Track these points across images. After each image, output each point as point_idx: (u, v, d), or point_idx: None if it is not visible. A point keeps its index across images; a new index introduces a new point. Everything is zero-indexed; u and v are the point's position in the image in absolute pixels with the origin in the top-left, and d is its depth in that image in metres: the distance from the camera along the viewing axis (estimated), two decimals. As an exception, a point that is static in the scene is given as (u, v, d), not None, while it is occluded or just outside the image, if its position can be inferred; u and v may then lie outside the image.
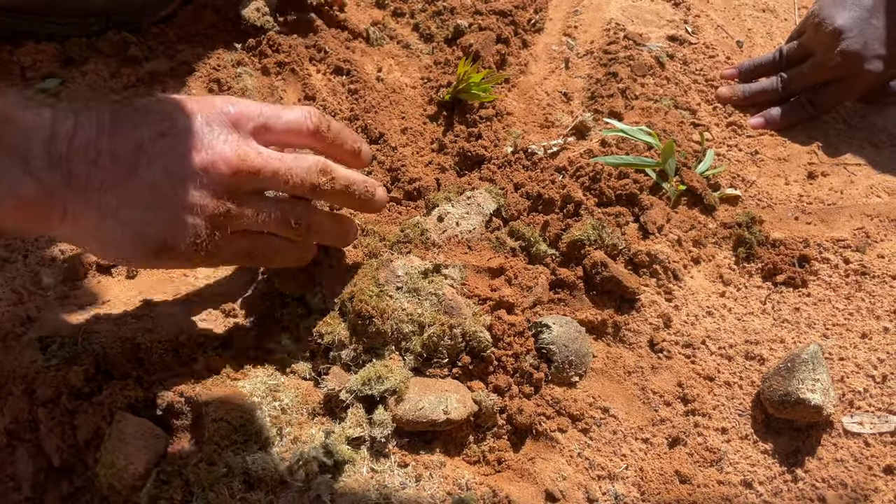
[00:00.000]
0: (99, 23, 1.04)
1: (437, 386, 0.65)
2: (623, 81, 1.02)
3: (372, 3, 1.15)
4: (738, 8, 1.19)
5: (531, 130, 0.97)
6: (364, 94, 0.98)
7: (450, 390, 0.65)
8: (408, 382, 0.65)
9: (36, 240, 0.81)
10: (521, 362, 0.69)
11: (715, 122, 1.01)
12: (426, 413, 0.63)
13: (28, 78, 0.99)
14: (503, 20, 1.09)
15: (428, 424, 0.63)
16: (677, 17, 1.16)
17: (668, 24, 1.14)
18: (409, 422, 0.63)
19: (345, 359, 0.67)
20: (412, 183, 0.88)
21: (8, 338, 0.69)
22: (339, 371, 0.66)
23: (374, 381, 0.64)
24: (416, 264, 0.72)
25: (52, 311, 0.73)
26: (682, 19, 1.15)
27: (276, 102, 0.98)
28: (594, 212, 0.81)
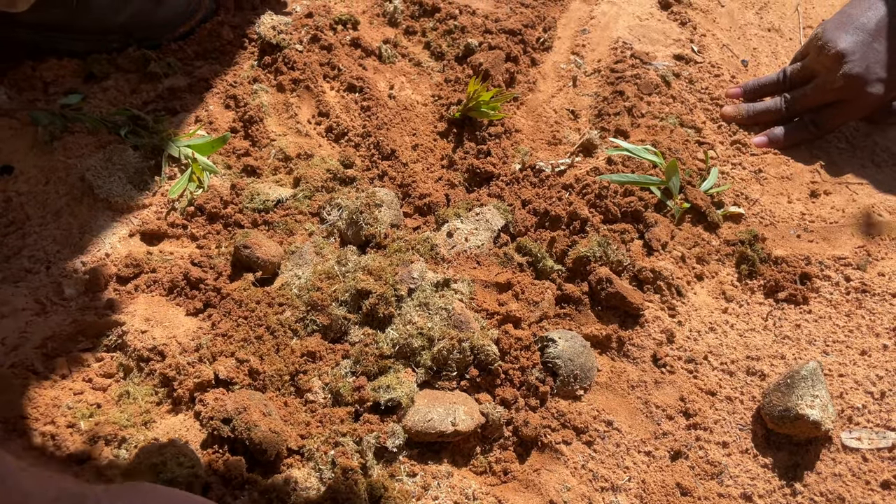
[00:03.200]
0: (120, 39, 1.07)
1: (445, 398, 0.67)
2: (629, 100, 1.04)
3: (384, 22, 1.18)
4: (744, 27, 1.21)
5: (539, 147, 1.00)
6: (376, 111, 1.00)
7: (458, 402, 0.67)
8: (413, 396, 0.67)
9: (58, 251, 0.84)
10: (528, 375, 0.71)
11: (720, 140, 1.02)
12: (435, 424, 0.65)
13: (51, 93, 1.03)
14: (512, 39, 1.12)
15: (436, 435, 0.65)
16: (683, 37, 1.18)
17: (675, 44, 1.16)
18: (419, 433, 0.65)
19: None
20: (422, 198, 0.90)
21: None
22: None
23: (384, 389, 0.66)
24: (429, 276, 0.74)
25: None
26: (688, 38, 1.18)
27: (291, 118, 1.01)
28: (600, 228, 0.83)
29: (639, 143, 0.97)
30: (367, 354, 0.71)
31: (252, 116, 0.98)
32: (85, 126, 0.95)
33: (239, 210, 0.86)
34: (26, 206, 0.88)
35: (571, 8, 1.24)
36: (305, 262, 0.80)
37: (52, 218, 0.87)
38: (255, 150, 0.96)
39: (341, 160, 0.94)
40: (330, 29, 1.12)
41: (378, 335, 0.72)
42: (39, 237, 0.85)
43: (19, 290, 0.79)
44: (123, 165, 0.90)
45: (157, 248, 0.84)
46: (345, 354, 0.73)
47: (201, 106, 1.02)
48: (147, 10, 1.07)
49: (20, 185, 0.90)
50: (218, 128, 0.98)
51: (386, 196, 0.86)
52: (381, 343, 0.71)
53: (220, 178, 0.91)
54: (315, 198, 0.89)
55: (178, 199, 0.88)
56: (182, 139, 0.94)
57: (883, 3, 0.96)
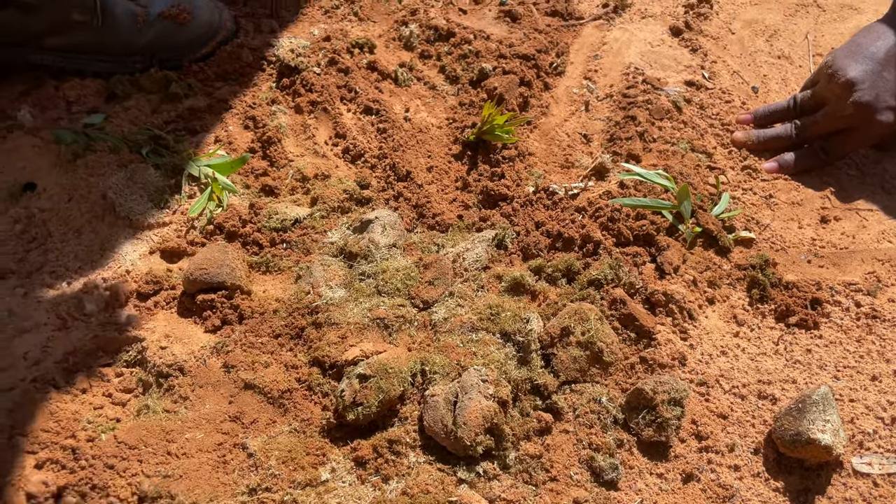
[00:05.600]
0: (143, 60, 1.10)
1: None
2: (641, 125, 1.06)
3: (400, 46, 1.20)
4: (754, 54, 1.23)
5: (552, 171, 1.01)
6: (392, 133, 1.02)
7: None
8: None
9: (79, 267, 0.86)
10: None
11: (730, 165, 1.04)
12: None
13: (73, 112, 1.05)
14: (526, 64, 1.14)
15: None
16: (694, 63, 1.20)
17: (686, 70, 1.18)
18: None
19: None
20: (435, 217, 0.92)
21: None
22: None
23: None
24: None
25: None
26: (698, 65, 1.19)
27: (309, 139, 1.02)
28: (612, 251, 0.85)
29: (650, 168, 0.99)
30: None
31: (270, 137, 1.00)
32: (107, 145, 0.97)
33: (257, 229, 0.88)
34: (48, 223, 0.90)
35: (584, 34, 1.26)
36: (315, 277, 0.81)
37: (73, 235, 0.89)
38: (273, 171, 0.98)
39: (358, 181, 0.96)
40: (347, 52, 1.14)
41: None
42: (61, 253, 0.87)
43: (41, 305, 0.81)
44: (144, 184, 0.92)
45: (177, 265, 0.86)
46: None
47: (221, 126, 1.04)
48: (169, 32, 1.10)
49: (43, 202, 0.92)
50: (237, 148, 1.00)
51: (388, 217, 0.87)
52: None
53: (239, 197, 0.93)
54: (331, 217, 0.90)
55: (198, 218, 0.89)
56: (202, 159, 0.96)
57: (892, 32, 0.97)
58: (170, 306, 0.81)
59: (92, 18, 1.04)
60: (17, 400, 0.71)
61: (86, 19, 1.04)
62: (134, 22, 1.07)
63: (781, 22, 1.30)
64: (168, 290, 0.82)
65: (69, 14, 1.02)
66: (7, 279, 0.84)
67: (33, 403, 0.71)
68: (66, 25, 1.03)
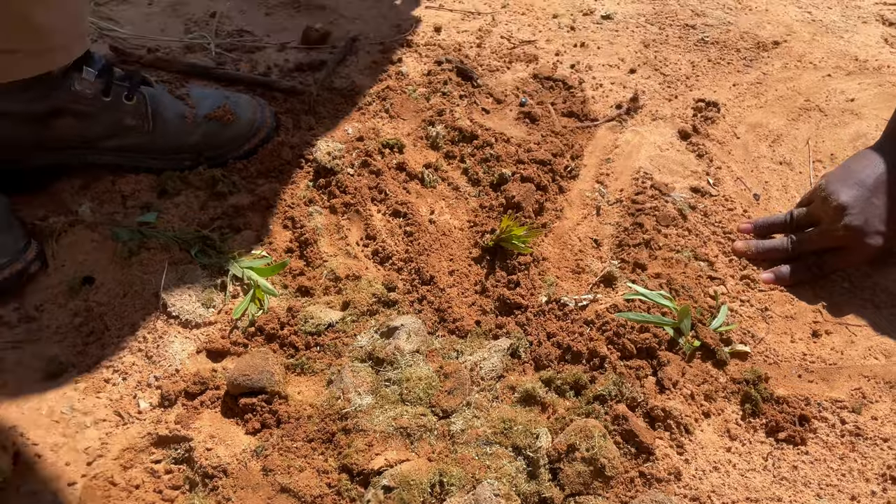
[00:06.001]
0: (191, 157, 1.20)
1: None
2: (648, 232, 1.14)
3: (427, 145, 1.30)
4: (757, 160, 1.31)
5: (564, 276, 1.10)
6: (418, 237, 1.11)
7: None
8: None
9: (133, 363, 0.95)
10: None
11: (731, 273, 1.12)
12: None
13: (128, 206, 1.15)
14: (542, 168, 1.23)
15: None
16: (700, 168, 1.28)
17: (692, 175, 1.27)
18: None
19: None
20: (455, 322, 1.00)
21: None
22: None
23: None
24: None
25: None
26: (704, 170, 1.28)
27: (342, 239, 1.12)
28: (617, 365, 0.93)
29: (655, 277, 1.07)
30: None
31: (307, 238, 1.10)
32: (159, 243, 1.07)
33: (294, 332, 0.97)
34: (105, 317, 1.00)
35: (597, 136, 1.35)
36: (345, 382, 0.89)
37: (128, 330, 0.98)
38: (308, 270, 1.07)
39: (385, 284, 1.05)
40: (378, 153, 1.24)
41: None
42: (117, 348, 0.97)
43: (100, 400, 0.90)
44: (193, 284, 1.01)
45: (221, 364, 0.95)
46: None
47: (262, 225, 1.13)
48: (215, 131, 1.20)
49: (100, 296, 1.02)
50: (277, 248, 1.10)
51: (413, 324, 0.95)
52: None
53: (279, 298, 1.02)
54: (361, 321, 0.99)
55: (241, 319, 0.99)
56: (245, 260, 1.05)
57: (882, 160, 1.06)
58: (214, 406, 0.90)
59: (144, 123, 1.15)
60: (79, 495, 0.80)
61: (138, 124, 1.14)
62: (183, 123, 1.18)
63: (784, 126, 1.39)
64: (213, 390, 0.91)
65: (122, 119, 1.13)
66: (69, 372, 0.94)
67: (94, 499, 0.79)
68: (120, 129, 1.14)
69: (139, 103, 1.14)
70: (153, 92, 1.17)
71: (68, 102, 1.08)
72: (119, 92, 1.12)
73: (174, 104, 1.19)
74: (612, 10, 1.69)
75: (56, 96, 1.06)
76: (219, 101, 1.23)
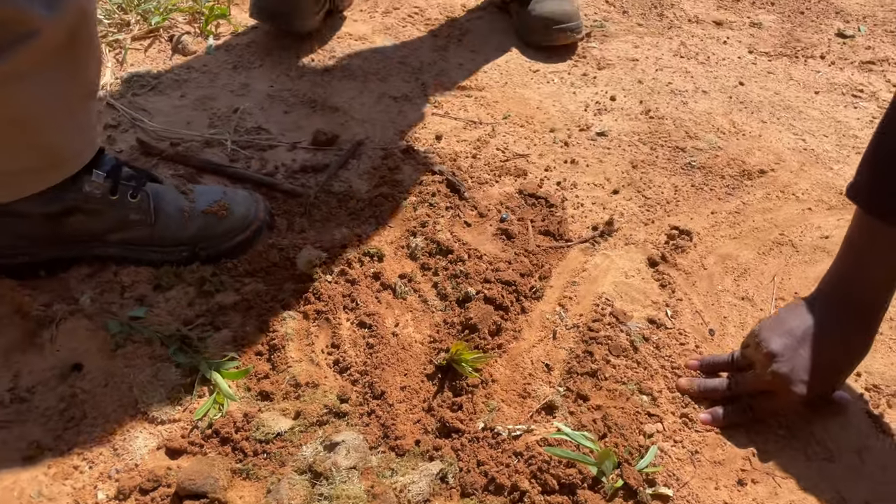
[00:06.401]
0: (188, 249, 1.32)
1: None
2: (597, 362, 1.20)
3: (406, 255, 1.39)
4: (720, 294, 1.37)
5: (510, 400, 1.16)
6: (378, 349, 1.20)
7: None
8: None
9: (100, 454, 1.05)
10: None
11: (671, 410, 1.17)
12: None
13: (125, 297, 1.27)
14: (507, 289, 1.31)
15: None
16: (661, 299, 1.34)
17: (652, 305, 1.33)
18: None
19: None
20: (397, 439, 1.08)
21: None
22: None
23: None
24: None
25: None
26: (664, 301, 1.34)
27: (309, 346, 1.21)
28: (536, 500, 0.98)
29: (594, 409, 1.13)
30: None
31: (277, 343, 1.19)
32: (144, 337, 1.18)
33: (246, 438, 1.06)
34: (86, 405, 1.11)
35: (569, 256, 1.43)
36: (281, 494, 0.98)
37: (102, 420, 1.09)
38: (273, 374, 1.17)
39: (339, 395, 1.13)
40: (358, 261, 1.34)
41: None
42: (90, 437, 1.07)
43: (65, 487, 1.01)
44: (165, 382, 1.12)
45: (177, 462, 1.04)
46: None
47: (240, 325, 1.24)
48: (210, 225, 1.32)
49: (85, 384, 1.13)
50: (248, 350, 1.20)
51: (353, 440, 1.03)
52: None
53: (239, 402, 1.12)
54: (309, 431, 1.08)
55: (201, 420, 1.08)
56: (215, 362, 1.15)
57: (810, 315, 1.11)
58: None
59: (146, 217, 1.27)
60: (30, 579, 0.90)
61: (141, 218, 1.27)
62: (181, 217, 1.30)
63: (753, 260, 1.44)
64: (165, 488, 1.00)
65: (127, 215, 1.26)
66: (45, 456, 1.05)
67: (41, 585, 0.89)
68: (125, 224, 1.27)
69: (142, 200, 1.26)
70: (156, 188, 1.30)
71: (79, 202, 1.21)
72: (125, 191, 1.25)
73: (175, 199, 1.31)
74: (608, 127, 1.78)
75: (68, 197, 1.20)
76: (216, 196, 1.35)
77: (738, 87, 1.96)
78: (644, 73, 2.00)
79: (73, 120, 1.13)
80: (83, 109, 1.15)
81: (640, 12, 2.32)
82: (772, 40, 2.21)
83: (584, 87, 1.93)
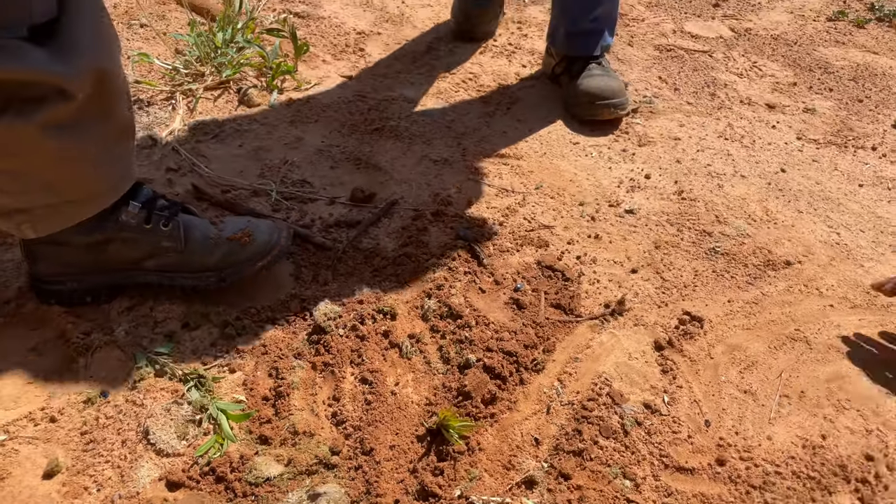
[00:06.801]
0: (214, 275, 1.43)
1: None
2: (585, 442, 1.23)
3: (419, 315, 1.46)
4: (722, 385, 1.37)
5: (493, 470, 1.20)
6: (376, 406, 1.27)
7: None
8: None
9: (109, 478, 1.15)
10: None
11: (653, 498, 1.18)
12: None
13: (156, 331, 1.39)
14: (508, 359, 1.36)
15: None
16: (661, 384, 1.36)
17: (650, 390, 1.35)
18: None
19: None
20: (377, 497, 1.14)
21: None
22: None
23: None
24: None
25: None
26: (664, 387, 1.35)
27: (312, 396, 1.29)
28: (496, 573, 1.02)
29: (574, 489, 1.16)
30: None
31: (283, 391, 1.28)
32: (165, 372, 1.29)
33: (238, 479, 1.14)
34: (105, 430, 1.22)
35: (577, 332, 1.46)
36: (266, 539, 1.05)
37: (118, 447, 1.20)
38: (275, 420, 1.25)
39: (331, 447, 1.20)
40: (371, 318, 1.42)
41: None
42: (104, 460, 1.18)
43: (73, 506, 1.11)
44: (176, 418, 1.22)
45: (174, 495, 1.13)
46: None
47: (253, 370, 1.33)
48: (234, 251, 1.42)
49: (109, 410, 1.25)
50: (256, 394, 1.29)
51: (335, 494, 1.10)
52: None
53: (239, 443, 1.21)
54: (297, 479, 1.15)
55: (202, 457, 1.17)
56: (223, 403, 1.25)
57: None
58: None
59: (177, 244, 1.39)
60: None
61: (173, 245, 1.39)
62: (208, 244, 1.41)
63: (763, 353, 1.44)
64: (159, 518, 1.09)
65: (160, 242, 1.38)
66: (62, 474, 1.16)
67: None
68: (158, 251, 1.39)
69: (174, 228, 1.38)
70: (187, 218, 1.42)
71: (116, 231, 1.34)
72: (158, 220, 1.37)
73: (204, 228, 1.43)
74: (637, 205, 1.81)
75: (106, 227, 1.33)
76: (241, 225, 1.46)
77: (778, 174, 1.96)
78: (684, 153, 2.03)
79: (108, 157, 1.27)
80: (118, 147, 1.29)
81: (692, 91, 2.35)
82: (823, 127, 2.19)
83: (621, 162, 1.98)
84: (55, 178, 1.21)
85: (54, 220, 1.27)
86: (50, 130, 1.12)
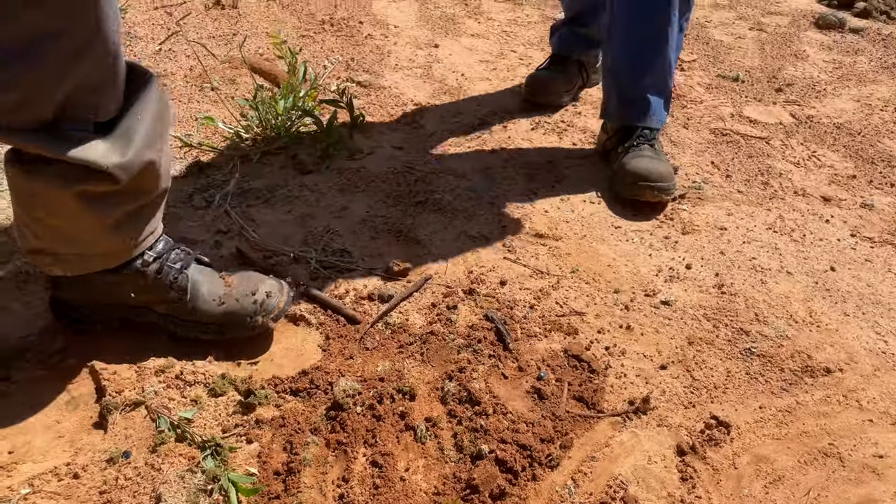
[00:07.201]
0: (215, 329, 1.52)
1: None
2: (590, 549, 1.20)
3: (438, 397, 1.47)
4: (744, 499, 1.31)
5: (493, 570, 1.18)
6: (383, 492, 1.27)
7: None
8: None
9: (120, 540, 1.19)
10: None
11: None
12: None
13: (184, 395, 1.44)
14: (522, 453, 1.34)
15: None
16: (679, 493, 1.31)
17: (667, 498, 1.30)
18: None
19: None
20: (375, 589, 1.13)
21: None
22: None
23: None
24: None
25: None
26: (681, 496, 1.31)
27: (322, 474, 1.31)
28: None
29: None
30: None
31: (294, 467, 1.30)
32: (185, 438, 1.33)
33: (239, 554, 1.16)
34: (122, 491, 1.26)
35: (597, 428, 1.44)
36: None
37: (130, 509, 1.24)
38: (283, 496, 1.27)
39: (334, 530, 1.21)
40: (390, 398, 1.44)
41: None
42: (116, 522, 1.22)
43: (81, 566, 1.15)
44: (188, 486, 1.25)
45: (177, 564, 1.16)
46: None
47: (270, 442, 1.36)
48: (237, 308, 1.49)
49: (128, 471, 1.29)
50: (268, 467, 1.31)
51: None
52: None
53: (245, 517, 1.23)
54: (296, 561, 1.16)
55: (208, 528, 1.20)
56: (235, 475, 1.27)
57: None
58: None
59: (184, 296, 1.46)
60: None
61: (179, 296, 1.46)
62: (215, 302, 1.48)
63: (791, 468, 1.37)
64: (158, 587, 1.12)
65: (168, 292, 1.45)
66: (76, 532, 1.20)
67: None
68: (167, 299, 1.47)
69: (182, 281, 1.46)
70: (196, 276, 1.50)
71: (131, 276, 1.44)
72: (168, 272, 1.45)
73: (212, 285, 1.50)
74: (674, 296, 1.78)
75: (122, 272, 1.43)
76: (250, 284, 1.53)
77: (827, 273, 1.90)
78: (729, 244, 1.99)
79: (136, 224, 1.39)
80: (147, 213, 1.41)
81: (744, 178, 2.31)
82: (881, 224, 2.12)
83: (662, 250, 1.95)
84: (83, 236, 1.33)
85: (80, 266, 1.39)
86: (84, 200, 1.22)
